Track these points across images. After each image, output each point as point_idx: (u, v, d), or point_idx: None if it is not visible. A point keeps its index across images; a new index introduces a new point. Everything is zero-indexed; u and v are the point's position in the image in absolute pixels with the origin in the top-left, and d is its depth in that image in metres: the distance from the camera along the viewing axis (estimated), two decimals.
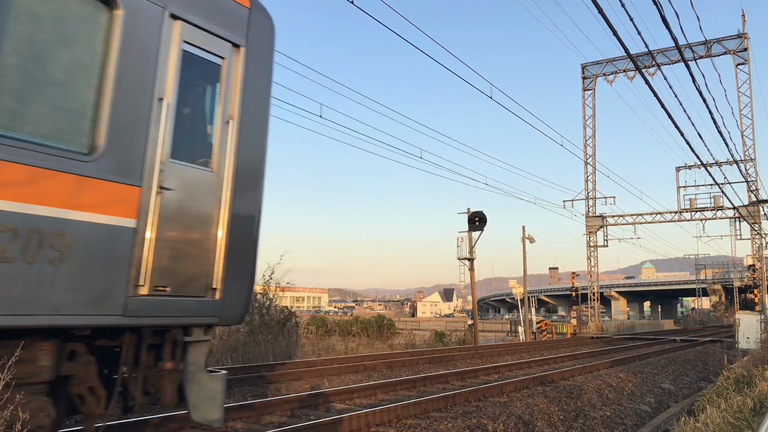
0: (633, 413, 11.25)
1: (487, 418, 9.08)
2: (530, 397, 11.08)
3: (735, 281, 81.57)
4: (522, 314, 36.83)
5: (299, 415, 9.22)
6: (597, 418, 10.31)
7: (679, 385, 15.80)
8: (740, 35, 45.91)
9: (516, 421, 9.22)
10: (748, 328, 26.06)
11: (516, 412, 9.68)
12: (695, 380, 17.11)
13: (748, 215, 44.24)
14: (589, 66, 52.93)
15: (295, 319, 20.13)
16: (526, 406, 10.26)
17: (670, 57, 46.30)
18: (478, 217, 29.50)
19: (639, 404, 12.39)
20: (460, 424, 8.50)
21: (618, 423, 10.37)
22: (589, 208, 51.64)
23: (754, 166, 44.98)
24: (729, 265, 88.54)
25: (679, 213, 49.36)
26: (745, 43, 45.69)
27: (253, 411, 8.94)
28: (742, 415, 8.58)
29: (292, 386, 12.15)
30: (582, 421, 10.08)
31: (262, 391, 11.41)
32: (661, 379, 16.02)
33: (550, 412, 10.17)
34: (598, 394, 12.36)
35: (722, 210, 47.91)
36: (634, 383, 14.38)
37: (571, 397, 11.57)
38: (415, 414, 9.24)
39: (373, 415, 8.50)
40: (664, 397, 13.86)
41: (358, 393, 11.03)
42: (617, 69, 51.08)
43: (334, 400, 10.31)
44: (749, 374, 12.82)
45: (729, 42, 46.20)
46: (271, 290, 18.71)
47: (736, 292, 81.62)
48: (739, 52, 45.88)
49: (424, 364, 17.52)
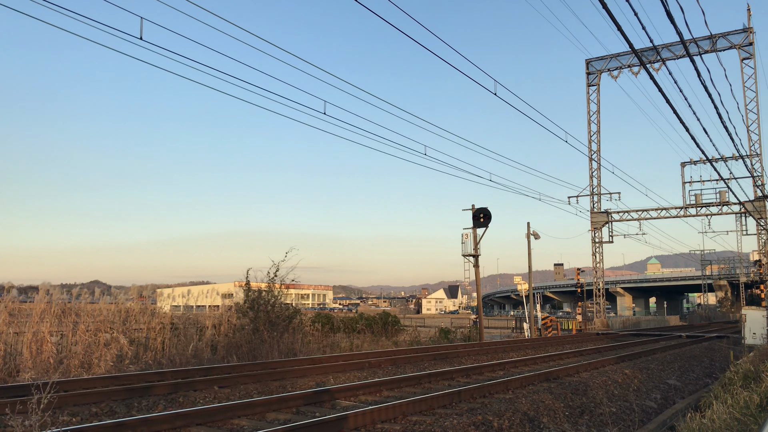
0: (639, 409, 11.22)
1: (492, 414, 9.07)
2: (535, 394, 11.06)
3: (741, 277, 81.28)
4: (527, 311, 36.79)
5: (304, 412, 9.23)
6: (603, 414, 10.29)
7: (685, 381, 15.76)
8: (746, 29, 45.65)
9: (521, 417, 9.21)
10: (755, 323, 25.98)
11: (521, 409, 9.66)
12: (701, 376, 17.06)
13: (754, 210, 44.06)
14: (593, 62, 52.75)
15: (300, 317, 20.15)
16: (532, 402, 10.24)
17: (674, 52, 46.09)
18: (482, 213, 29.44)
19: (645, 400, 12.36)
20: (465, 421, 8.50)
21: (624, 419, 10.35)
22: (594, 204, 51.51)
23: (760, 161, 44.78)
24: (735, 261, 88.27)
25: (684, 209, 49.19)
26: (751, 37, 45.43)
27: (259, 408, 8.96)
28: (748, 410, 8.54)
29: (297, 383, 12.17)
30: (588, 418, 10.06)
31: (267, 388, 11.43)
32: (666, 375, 15.97)
33: (555, 408, 10.15)
34: (603, 390, 12.34)
35: (728, 205, 47.71)
36: (639, 379, 14.35)
37: (576, 394, 11.55)
38: (420, 411, 9.24)
39: (379, 411, 8.49)
40: (670, 393, 13.82)
41: (364, 390, 11.03)
42: (622, 64, 50.89)
43: (339, 397, 10.32)
44: (756, 370, 12.77)
45: (734, 36, 45.95)
46: (276, 288, 18.72)
47: (742, 288, 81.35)
48: (744, 46, 45.63)
49: (429, 361, 17.52)
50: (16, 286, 19.90)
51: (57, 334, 14.04)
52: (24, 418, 6.25)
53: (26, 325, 13.65)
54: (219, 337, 17.68)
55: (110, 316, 15.74)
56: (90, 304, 16.43)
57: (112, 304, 16.96)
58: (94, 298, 17.76)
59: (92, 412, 8.65)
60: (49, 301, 14.92)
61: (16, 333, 13.38)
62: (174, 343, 16.11)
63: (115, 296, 19.70)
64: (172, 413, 7.96)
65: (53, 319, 14.31)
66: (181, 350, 15.82)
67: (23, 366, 12.42)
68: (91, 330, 14.44)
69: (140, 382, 11.25)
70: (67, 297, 16.45)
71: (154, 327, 16.10)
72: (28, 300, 17.79)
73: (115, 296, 19.70)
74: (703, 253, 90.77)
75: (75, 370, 12.88)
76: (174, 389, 10.65)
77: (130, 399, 9.69)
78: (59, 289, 16.76)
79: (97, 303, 16.82)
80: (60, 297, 15.85)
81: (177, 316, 19.52)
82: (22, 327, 13.61)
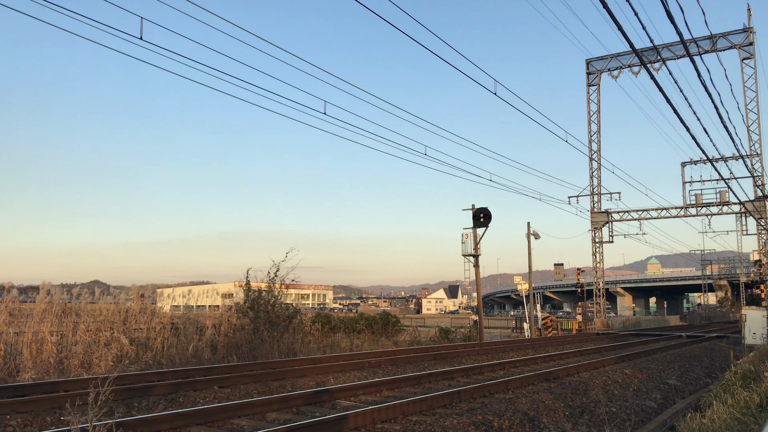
0: (639, 409, 11.22)
1: (492, 414, 9.07)
2: (535, 394, 11.06)
3: (741, 277, 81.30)
4: (527, 310, 36.79)
5: (305, 412, 9.23)
6: (603, 414, 10.29)
7: (685, 381, 15.76)
8: (746, 29, 45.64)
9: (521, 417, 9.21)
10: (755, 323, 25.98)
11: (521, 409, 9.66)
12: (701, 376, 17.06)
13: (754, 210, 44.05)
14: (593, 61, 52.74)
15: (300, 317, 20.14)
16: (532, 402, 10.24)
17: (675, 52, 46.09)
18: (482, 213, 29.44)
19: (645, 400, 12.36)
20: (465, 421, 8.50)
21: (624, 419, 10.34)
22: (595, 204, 51.51)
23: (760, 161, 44.77)
24: (735, 261, 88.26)
25: (684, 208, 49.19)
26: (751, 37, 45.42)
27: (259, 408, 8.96)
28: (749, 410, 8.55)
29: (297, 383, 12.17)
30: (588, 418, 10.06)
31: (268, 388, 11.43)
32: (667, 375, 15.97)
33: (555, 408, 10.15)
34: (603, 390, 12.33)
35: (728, 205, 47.69)
36: (639, 379, 14.35)
37: (576, 394, 11.55)
38: (420, 410, 9.24)
39: (379, 411, 8.50)
40: (670, 393, 13.82)
41: (364, 390, 11.04)
42: (622, 64, 50.87)
43: (339, 397, 10.32)
44: (756, 370, 12.78)
45: (734, 36, 45.94)
46: (276, 288, 18.72)
47: (742, 288, 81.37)
48: (744, 46, 45.61)
49: (429, 360, 17.52)
50: (17, 286, 19.87)
51: (57, 334, 14.04)
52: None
53: (26, 325, 13.65)
54: (219, 337, 17.68)
55: (110, 316, 15.74)
56: (90, 304, 16.43)
57: (113, 304, 16.95)
58: (94, 298, 17.74)
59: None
60: (50, 301, 14.93)
61: (16, 333, 13.38)
62: (174, 342, 16.11)
63: (116, 296, 19.69)
64: (173, 413, 7.96)
65: (53, 319, 14.32)
66: (181, 350, 15.82)
67: (23, 366, 12.43)
68: (91, 330, 14.44)
69: (140, 381, 11.25)
70: (67, 297, 16.44)
71: (154, 327, 16.10)
72: (28, 300, 17.80)
73: (116, 296, 19.69)
74: (703, 253, 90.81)
75: (75, 369, 12.89)
76: (174, 389, 10.66)
77: (130, 399, 9.69)
78: (59, 289, 16.75)
79: (97, 303, 16.82)
80: (60, 297, 15.84)
81: (177, 315, 19.52)
82: (22, 327, 13.61)
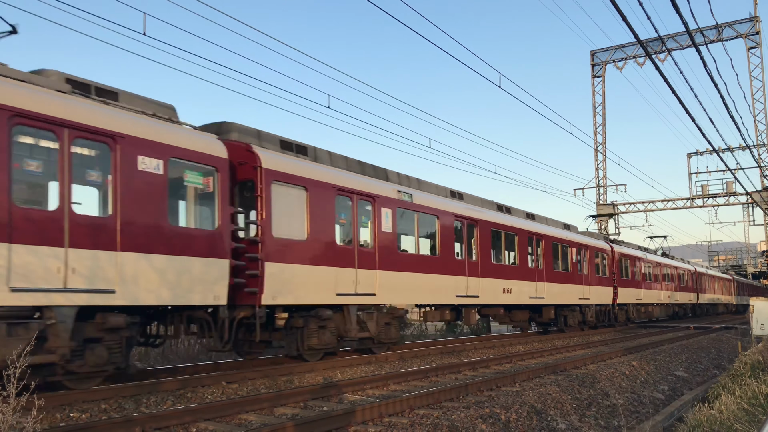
0: (647, 401, 11.21)
1: (499, 407, 9.08)
2: (543, 386, 11.06)
3: (748, 267, 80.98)
4: None
5: (312, 407, 9.26)
6: (610, 406, 10.28)
7: (692, 372, 15.73)
8: (752, 18, 45.26)
9: (529, 410, 9.21)
10: (762, 314, 25.84)
11: (529, 401, 9.67)
12: (709, 367, 17.03)
13: (761, 201, 43.81)
14: (598, 53, 52.42)
15: None
16: (539, 395, 10.24)
17: (680, 42, 45.75)
18: None
19: (652, 392, 12.34)
20: (472, 414, 8.51)
21: (632, 411, 10.34)
22: (600, 196, 51.34)
23: (767, 150, 44.50)
24: (742, 252, 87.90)
25: (691, 200, 48.94)
26: (757, 26, 45.04)
27: (266, 403, 8.99)
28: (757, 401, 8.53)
29: (304, 378, 12.21)
30: (595, 410, 10.06)
31: (275, 383, 11.47)
32: (674, 366, 15.94)
33: (562, 400, 10.15)
34: (610, 382, 12.32)
35: (735, 196, 47.42)
36: (647, 371, 14.32)
37: (583, 386, 11.54)
38: (427, 404, 9.25)
39: (386, 405, 8.51)
40: (678, 384, 13.80)
41: (371, 384, 11.06)
42: (627, 55, 50.55)
43: (346, 391, 10.34)
44: (764, 360, 12.75)
45: (740, 26, 45.55)
46: None
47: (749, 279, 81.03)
48: (751, 35, 45.24)
49: (435, 354, 17.53)
50: None
51: None
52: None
53: None
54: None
55: None
56: None
57: None
58: None
59: (101, 408, 8.71)
60: None
61: None
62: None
63: None
64: (181, 409, 8.00)
65: None
66: (188, 345, 15.88)
67: None
68: None
69: (148, 378, 11.31)
70: None
71: None
72: None
73: None
74: (710, 244, 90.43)
75: None
76: (182, 385, 10.70)
77: (138, 395, 9.74)
78: None
79: None
80: None
81: None
82: None
